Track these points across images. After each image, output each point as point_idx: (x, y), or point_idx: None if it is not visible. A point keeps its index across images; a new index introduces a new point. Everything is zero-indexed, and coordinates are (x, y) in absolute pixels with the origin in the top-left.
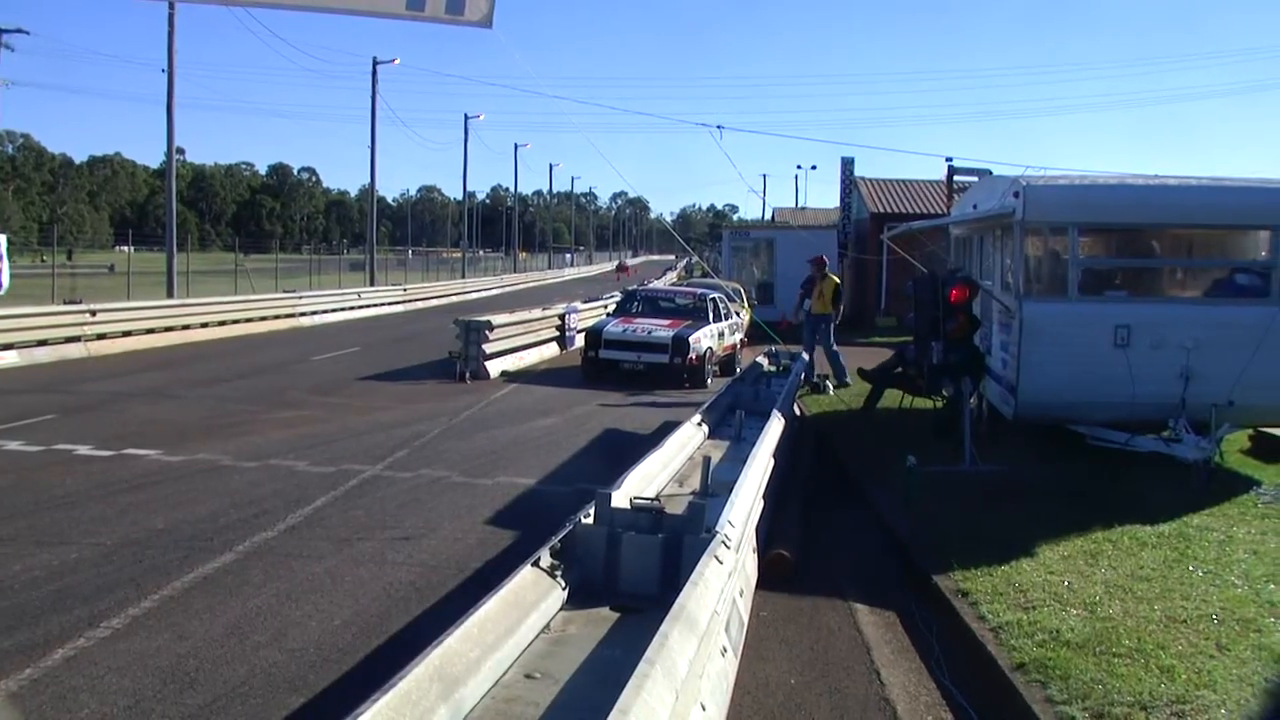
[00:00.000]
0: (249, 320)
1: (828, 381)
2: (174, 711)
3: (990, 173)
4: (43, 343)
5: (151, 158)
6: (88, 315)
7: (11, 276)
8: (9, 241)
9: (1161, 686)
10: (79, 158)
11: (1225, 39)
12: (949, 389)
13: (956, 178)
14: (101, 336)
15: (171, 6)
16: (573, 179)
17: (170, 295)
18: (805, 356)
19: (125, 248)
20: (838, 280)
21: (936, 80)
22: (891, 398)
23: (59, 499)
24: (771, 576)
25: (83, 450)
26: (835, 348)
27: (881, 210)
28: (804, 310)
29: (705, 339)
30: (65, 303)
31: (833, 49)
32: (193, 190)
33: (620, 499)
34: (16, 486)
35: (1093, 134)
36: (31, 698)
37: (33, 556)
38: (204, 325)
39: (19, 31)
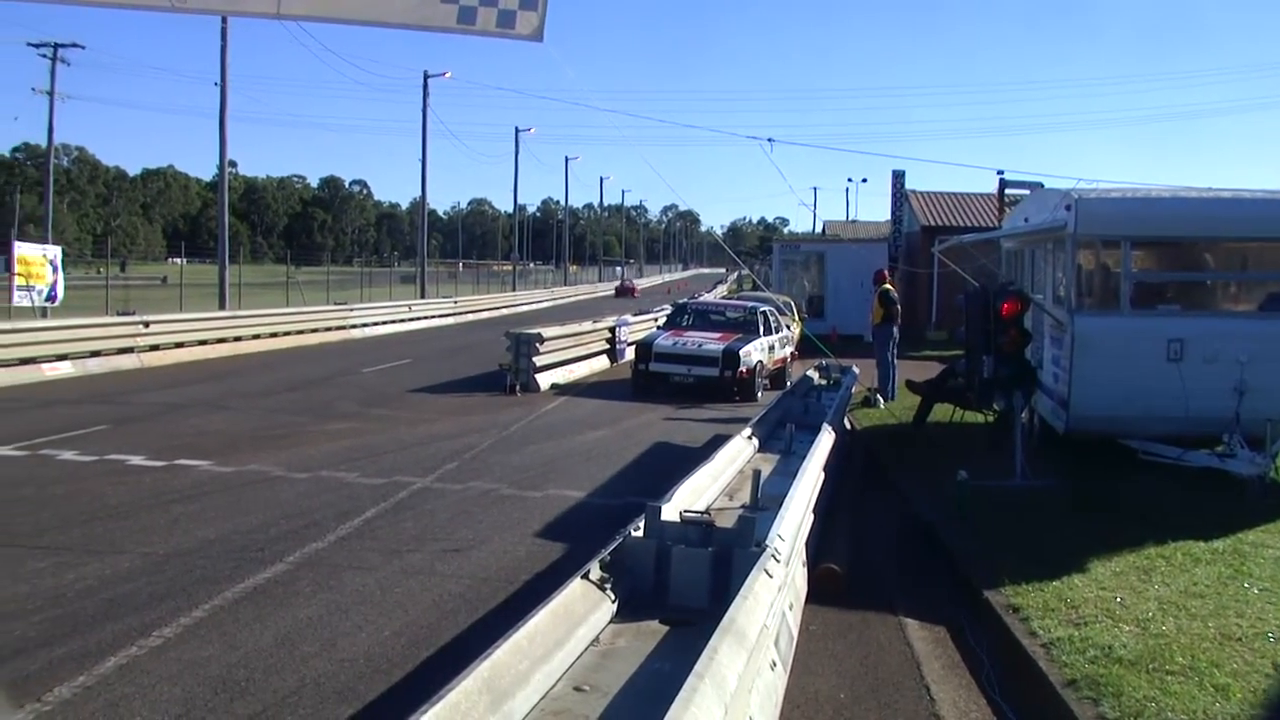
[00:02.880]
0: (300, 332)
1: (877, 395)
2: None
3: (1042, 186)
4: (96, 353)
5: (204, 170)
6: (141, 327)
7: (66, 288)
8: (63, 253)
9: (1216, 705)
10: (132, 170)
11: None
12: (1000, 403)
13: (1008, 191)
14: (154, 348)
15: (224, 21)
16: (623, 192)
17: (222, 307)
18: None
19: (178, 260)
20: (885, 288)
21: (988, 92)
22: (942, 412)
23: (112, 509)
24: (821, 590)
25: (135, 460)
26: (890, 361)
27: (932, 223)
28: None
29: (756, 352)
30: (119, 314)
31: (884, 62)
32: (245, 203)
33: (670, 512)
34: (70, 496)
35: (1147, 147)
36: (84, 705)
37: (86, 565)
38: (255, 337)
39: (75, 46)
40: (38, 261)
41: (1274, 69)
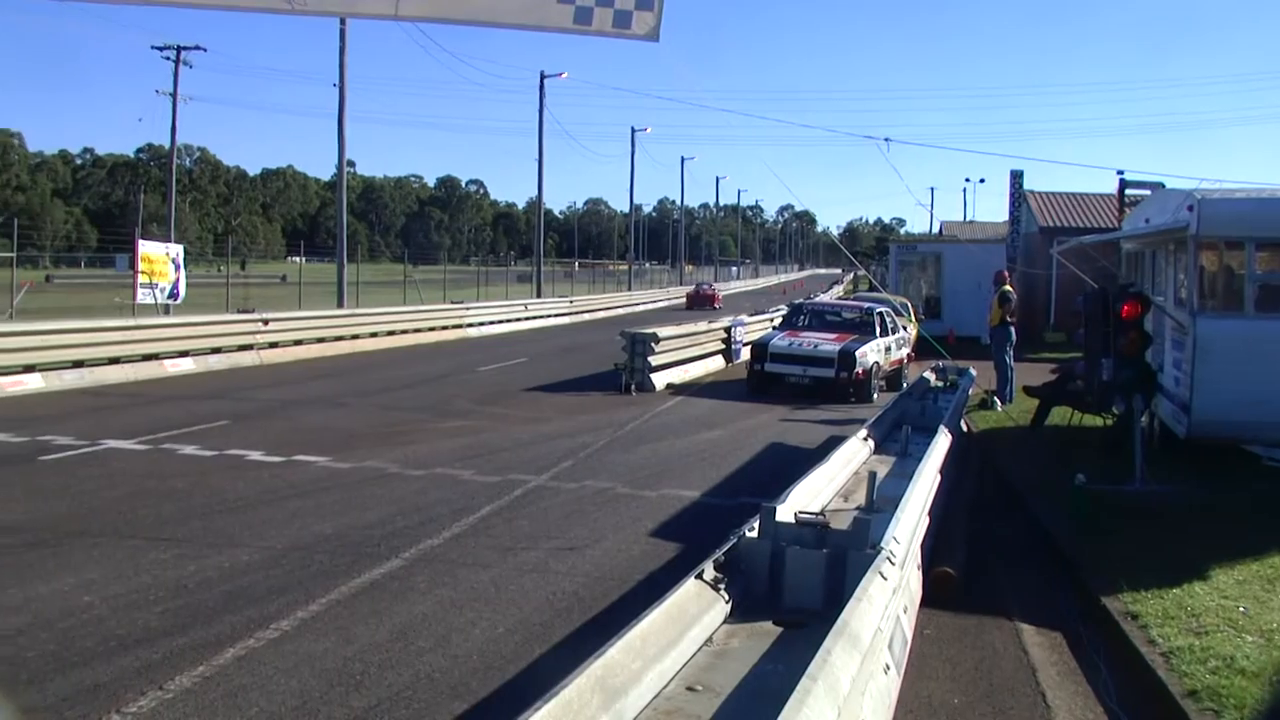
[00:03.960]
0: (417, 330)
1: (994, 397)
2: (340, 713)
3: (1163, 186)
4: (217, 350)
5: (323, 170)
6: (260, 324)
7: (188, 286)
8: (185, 252)
9: None
10: (253, 170)
11: None
12: (1119, 406)
13: (1128, 191)
14: (273, 345)
15: (342, 22)
16: (739, 192)
17: (340, 305)
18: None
19: (297, 258)
20: (1003, 290)
21: (1108, 91)
22: (1060, 415)
23: (231, 503)
24: (936, 594)
25: (254, 456)
26: (1008, 363)
27: (1051, 224)
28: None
29: (871, 353)
30: (239, 312)
31: (1003, 59)
32: (363, 202)
33: (785, 513)
34: (191, 490)
35: (1271, 147)
36: (204, 694)
37: (206, 558)
38: (373, 335)
39: (197, 49)
40: (161, 260)
41: None
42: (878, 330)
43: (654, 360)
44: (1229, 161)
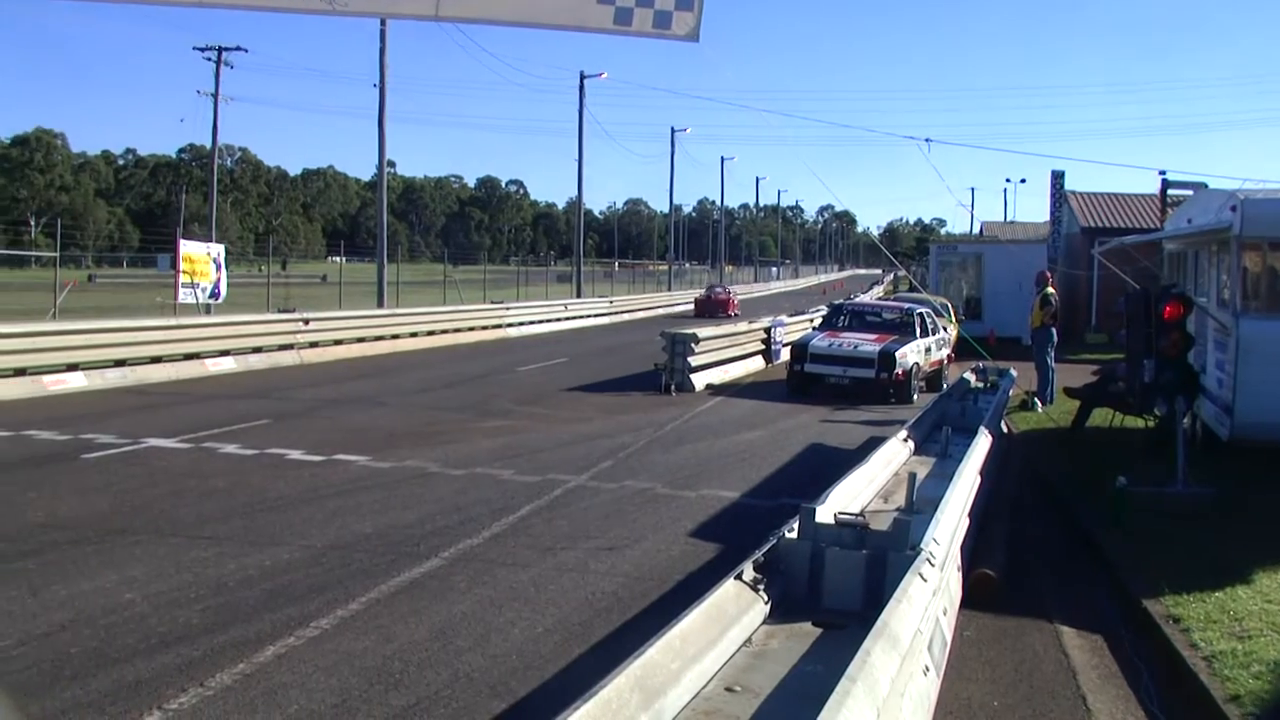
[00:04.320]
0: (457, 330)
1: (1035, 399)
2: (379, 711)
3: (1205, 186)
4: (258, 349)
5: (363, 170)
6: (301, 324)
7: (229, 285)
8: (226, 251)
9: None
10: (293, 170)
11: None
12: (1161, 408)
13: (1170, 192)
14: (314, 344)
15: (383, 23)
16: (779, 192)
17: (380, 305)
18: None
19: (337, 258)
20: (1045, 292)
21: (1149, 91)
22: (1101, 416)
23: (272, 501)
24: (976, 596)
25: (295, 455)
26: (1049, 364)
27: (1092, 224)
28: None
29: (912, 354)
30: (280, 312)
31: (1046, 59)
32: (403, 202)
33: (824, 514)
34: (232, 488)
35: None
36: (244, 691)
37: (247, 556)
38: (413, 335)
39: (238, 50)
40: (202, 259)
41: None
42: (918, 331)
43: (694, 360)
44: (1273, 163)
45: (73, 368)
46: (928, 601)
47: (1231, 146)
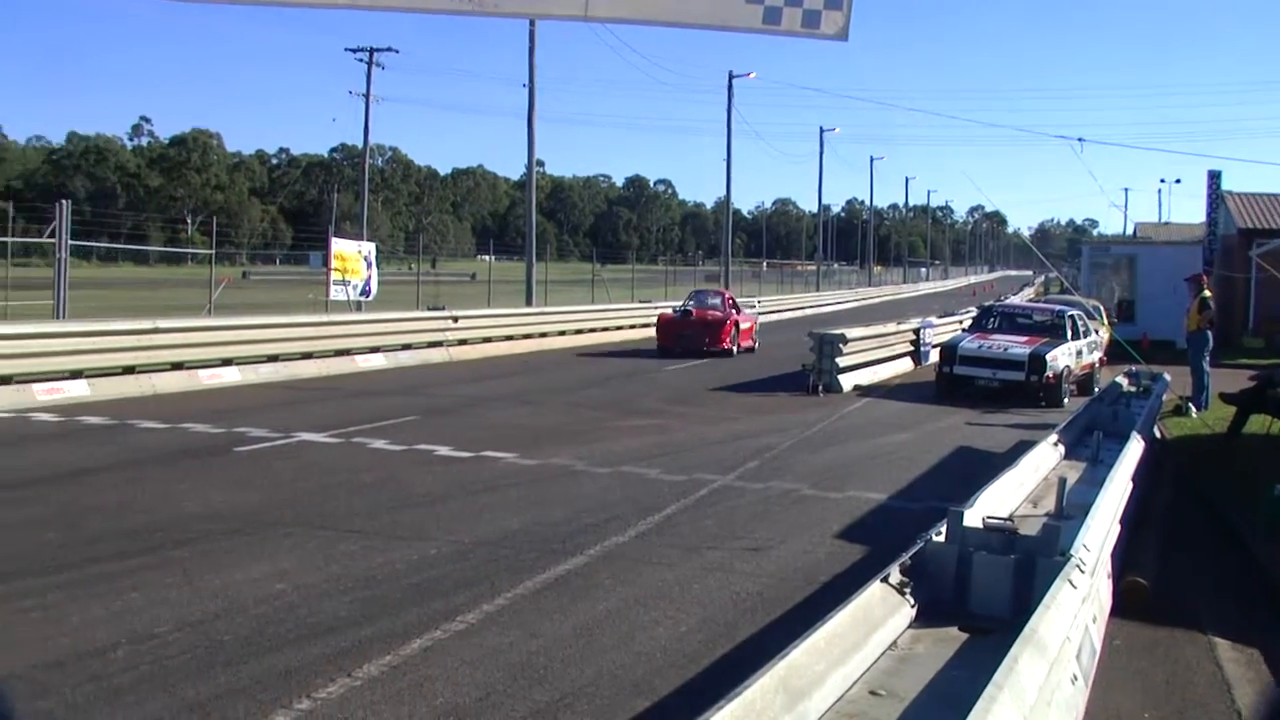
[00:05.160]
0: (605, 329)
1: (1189, 404)
2: (522, 707)
3: None
4: (407, 346)
5: (512, 170)
6: (450, 322)
7: (379, 283)
8: (377, 250)
9: None
10: (443, 170)
11: None
12: None
13: None
14: (463, 342)
15: (532, 23)
16: (928, 192)
17: (529, 303)
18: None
19: (486, 257)
20: (1203, 295)
21: None
22: (1258, 423)
23: (419, 497)
24: (1126, 604)
25: (442, 451)
26: (1205, 369)
27: (1251, 226)
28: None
29: (1063, 357)
30: (429, 309)
31: (1203, 55)
32: (551, 201)
33: (972, 518)
34: (381, 483)
35: None
36: (391, 683)
37: (394, 550)
38: (561, 333)
39: (389, 50)
40: (353, 257)
41: None
42: (1069, 333)
43: (841, 361)
44: None
45: (227, 362)
46: (1077, 609)
47: None
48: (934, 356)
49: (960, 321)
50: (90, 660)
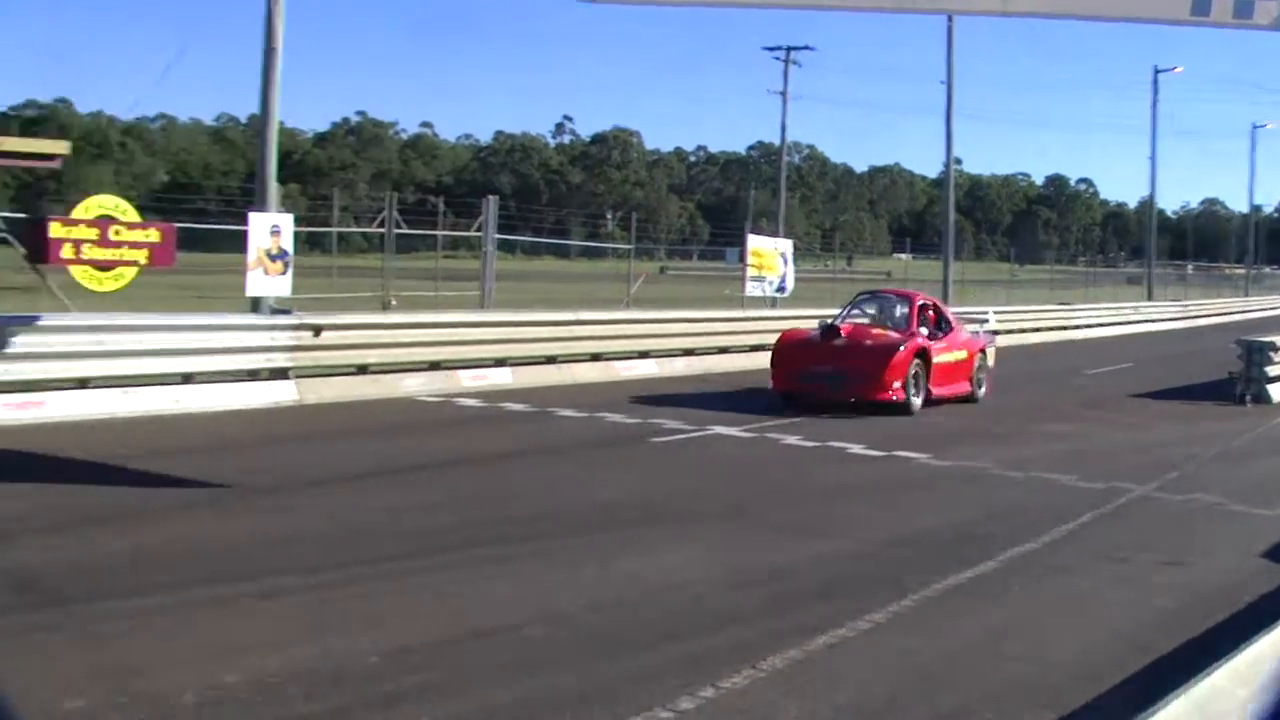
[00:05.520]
0: (1022, 331)
1: None
2: (926, 712)
3: None
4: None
5: (929, 168)
6: None
7: (795, 280)
8: (793, 246)
9: None
10: (859, 168)
11: None
12: None
13: None
14: None
15: (950, 20)
16: None
17: (944, 301)
18: None
19: (902, 255)
20: None
21: None
22: None
23: (830, 493)
24: None
25: (855, 449)
26: None
27: None
28: None
29: None
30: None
31: None
32: (969, 199)
33: None
34: (791, 479)
35: None
36: (795, 676)
37: (804, 545)
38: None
39: (806, 49)
40: (769, 254)
41: None
42: None
43: (1271, 370)
44: None
45: (644, 355)
46: None
47: None
48: None
49: None
50: (506, 634)
